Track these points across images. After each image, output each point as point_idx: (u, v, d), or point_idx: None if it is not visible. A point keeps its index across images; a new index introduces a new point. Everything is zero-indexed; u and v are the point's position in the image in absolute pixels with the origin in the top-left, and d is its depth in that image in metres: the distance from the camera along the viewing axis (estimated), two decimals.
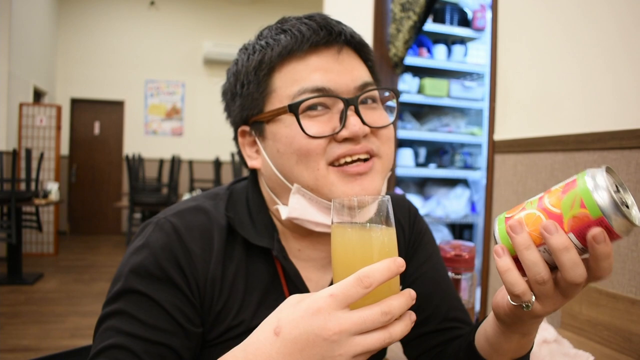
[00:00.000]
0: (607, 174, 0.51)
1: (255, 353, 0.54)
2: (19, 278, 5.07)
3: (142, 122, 8.87)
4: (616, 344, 1.28)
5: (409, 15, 2.88)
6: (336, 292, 0.52)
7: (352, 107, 0.74)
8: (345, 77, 0.76)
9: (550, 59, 1.69)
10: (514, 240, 0.54)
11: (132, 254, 0.74)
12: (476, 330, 0.76)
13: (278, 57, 0.76)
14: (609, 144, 1.41)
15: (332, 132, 0.74)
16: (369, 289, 0.52)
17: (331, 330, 0.51)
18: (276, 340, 0.53)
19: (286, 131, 0.75)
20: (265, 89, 0.77)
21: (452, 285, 0.96)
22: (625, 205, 0.51)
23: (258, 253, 0.80)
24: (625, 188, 0.54)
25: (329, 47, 0.77)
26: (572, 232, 0.51)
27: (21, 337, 3.64)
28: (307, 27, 0.75)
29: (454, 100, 3.97)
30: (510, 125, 1.91)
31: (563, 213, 0.52)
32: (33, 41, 7.06)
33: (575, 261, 0.51)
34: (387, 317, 0.52)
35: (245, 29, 9.02)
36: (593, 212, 0.50)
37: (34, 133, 6.58)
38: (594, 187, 0.50)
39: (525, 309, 0.56)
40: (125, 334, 0.68)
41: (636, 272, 1.31)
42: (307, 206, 0.77)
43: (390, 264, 0.53)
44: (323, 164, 0.74)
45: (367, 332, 0.52)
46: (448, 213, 3.94)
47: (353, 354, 0.51)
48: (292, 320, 0.53)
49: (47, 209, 6.53)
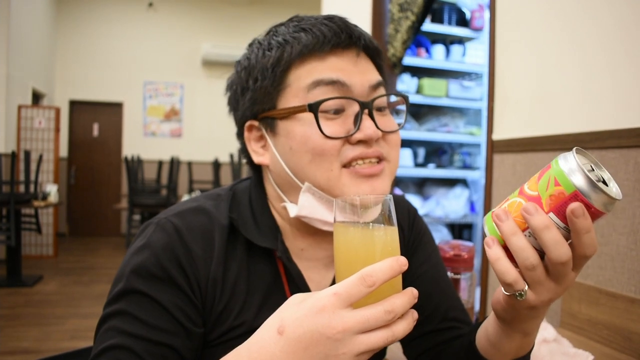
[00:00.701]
0: (578, 154, 0.53)
1: (259, 352, 0.54)
2: (18, 280, 5.07)
3: (141, 124, 8.87)
4: (616, 343, 1.28)
5: (407, 16, 2.89)
6: (339, 290, 0.52)
7: (367, 111, 0.76)
8: (360, 77, 0.78)
9: (548, 59, 1.69)
10: (501, 228, 0.55)
11: (133, 255, 0.74)
12: (477, 330, 0.76)
13: (298, 55, 0.76)
14: (608, 142, 1.42)
15: (346, 134, 0.75)
16: (372, 287, 0.52)
17: (335, 328, 0.51)
18: (280, 339, 0.53)
19: (302, 129, 0.75)
20: (280, 84, 0.78)
21: (451, 285, 0.96)
22: (603, 182, 0.53)
23: (260, 254, 0.81)
24: (601, 166, 0.55)
25: (348, 50, 0.78)
26: (552, 212, 0.53)
27: (21, 339, 3.64)
28: (328, 29, 0.76)
29: (453, 100, 3.97)
30: (508, 124, 1.91)
31: (540, 194, 0.53)
32: (31, 43, 7.06)
33: (556, 239, 0.52)
34: (390, 316, 0.52)
35: (244, 30, 9.02)
36: (567, 187, 0.51)
37: (33, 135, 6.57)
38: (565, 164, 0.52)
39: (519, 297, 0.56)
40: (127, 334, 0.68)
41: (635, 271, 1.31)
42: (317, 205, 0.78)
43: (393, 263, 0.53)
44: (337, 165, 0.75)
45: (371, 331, 0.52)
46: (447, 213, 3.94)
47: (356, 352, 0.51)
48: (295, 319, 0.53)
49: (46, 211, 6.53)
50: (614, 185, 0.54)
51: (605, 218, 1.41)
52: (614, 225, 1.38)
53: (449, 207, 3.97)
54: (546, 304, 0.57)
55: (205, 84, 8.99)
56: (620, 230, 1.36)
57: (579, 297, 1.41)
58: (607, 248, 1.40)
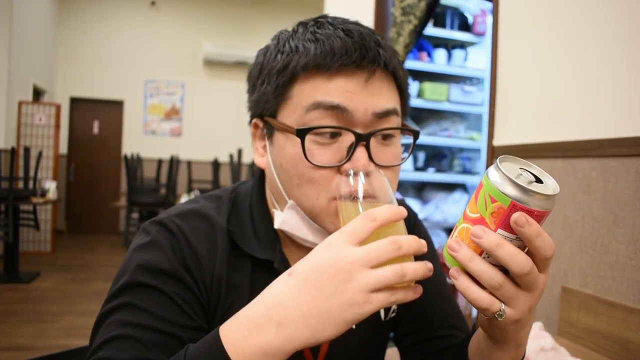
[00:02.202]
0: (503, 162, 0.54)
1: (271, 295, 0.55)
2: (15, 276, 5.05)
3: (141, 122, 8.86)
4: (614, 352, 1.27)
5: (409, 19, 2.89)
6: (345, 229, 0.55)
7: (363, 143, 0.70)
8: (367, 100, 0.70)
9: (550, 65, 1.69)
10: (457, 257, 0.54)
11: (137, 251, 0.72)
12: (468, 344, 0.75)
13: (303, 68, 0.70)
14: (609, 151, 1.41)
15: (337, 164, 0.70)
16: (375, 222, 0.54)
17: (343, 259, 0.52)
18: (290, 280, 0.55)
19: (292, 151, 0.71)
20: (282, 94, 0.72)
21: (450, 291, 0.95)
22: (537, 181, 0.53)
23: (261, 263, 0.79)
24: (530, 165, 0.56)
25: (359, 70, 0.70)
26: (500, 228, 0.53)
27: (17, 335, 3.63)
28: (341, 43, 0.69)
29: (454, 104, 3.97)
30: (509, 130, 1.90)
31: (482, 215, 0.53)
32: (33, 39, 7.06)
33: (512, 253, 0.52)
34: (395, 246, 0.53)
35: (246, 30, 9.03)
36: (503, 201, 0.52)
37: (33, 131, 6.57)
38: (494, 179, 0.53)
39: (499, 318, 0.55)
40: (131, 325, 0.65)
41: (634, 281, 1.31)
42: (300, 224, 0.76)
43: (392, 207, 0.56)
44: (324, 196, 0.71)
45: (381, 267, 0.53)
46: (446, 217, 3.93)
47: (366, 285, 0.52)
48: (304, 260, 0.55)
49: (45, 207, 6.52)
50: (548, 180, 0.54)
51: (606, 227, 1.41)
52: (614, 234, 1.38)
53: (448, 211, 3.96)
54: (528, 313, 0.56)
55: (206, 84, 8.99)
56: (619, 240, 1.36)
57: (578, 305, 1.41)
58: (607, 257, 1.40)
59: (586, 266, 1.47)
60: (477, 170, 4.13)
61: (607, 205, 1.41)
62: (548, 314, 1.60)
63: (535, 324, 1.39)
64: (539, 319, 1.59)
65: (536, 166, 0.56)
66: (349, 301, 0.51)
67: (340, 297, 0.52)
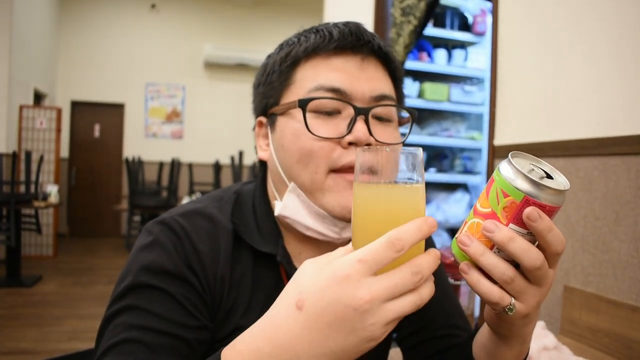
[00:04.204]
0: (515, 158, 0.54)
1: (276, 331, 0.49)
2: (17, 280, 5.06)
3: (142, 125, 8.87)
4: (616, 351, 1.27)
5: (409, 20, 2.89)
6: (365, 257, 0.47)
7: (362, 117, 0.74)
8: (364, 84, 0.76)
9: (551, 64, 1.69)
10: (468, 252, 0.54)
11: (140, 252, 0.72)
12: (472, 342, 0.75)
13: (303, 52, 0.77)
14: (610, 149, 1.41)
15: (337, 136, 0.74)
16: (401, 252, 0.47)
17: (362, 299, 0.46)
18: (300, 315, 0.48)
19: (294, 127, 0.76)
20: (286, 80, 0.79)
21: (452, 291, 0.95)
22: (548, 177, 0.53)
23: (264, 258, 0.80)
24: (540, 161, 0.56)
25: (354, 53, 0.78)
26: (511, 223, 0.53)
27: (19, 339, 3.63)
28: (338, 30, 0.77)
29: (454, 104, 3.97)
30: (510, 130, 1.90)
31: (494, 209, 0.54)
32: (34, 43, 7.07)
33: (524, 247, 0.51)
34: (417, 277, 0.48)
35: (246, 32, 9.03)
36: (515, 195, 0.52)
37: (34, 135, 6.57)
38: (506, 174, 0.53)
39: (510, 312, 0.55)
40: (137, 327, 0.64)
41: (636, 279, 1.31)
42: (300, 208, 0.77)
43: (422, 225, 0.49)
44: (323, 169, 0.74)
45: (398, 297, 0.48)
46: (447, 218, 3.93)
47: (385, 321, 0.47)
48: (316, 290, 0.48)
49: (47, 211, 6.52)
50: (558, 176, 0.55)
51: (607, 226, 1.41)
52: (616, 233, 1.38)
53: (450, 211, 3.96)
54: (536, 307, 0.56)
55: (207, 86, 9.00)
56: (621, 238, 1.36)
57: (580, 304, 1.41)
58: (609, 255, 1.40)
59: (588, 265, 1.47)
60: (478, 170, 4.12)
61: (609, 203, 1.41)
62: (550, 313, 1.60)
63: (538, 323, 1.39)
64: (542, 318, 1.58)
65: (546, 162, 0.56)
66: (367, 338, 0.47)
67: (357, 336, 0.47)
